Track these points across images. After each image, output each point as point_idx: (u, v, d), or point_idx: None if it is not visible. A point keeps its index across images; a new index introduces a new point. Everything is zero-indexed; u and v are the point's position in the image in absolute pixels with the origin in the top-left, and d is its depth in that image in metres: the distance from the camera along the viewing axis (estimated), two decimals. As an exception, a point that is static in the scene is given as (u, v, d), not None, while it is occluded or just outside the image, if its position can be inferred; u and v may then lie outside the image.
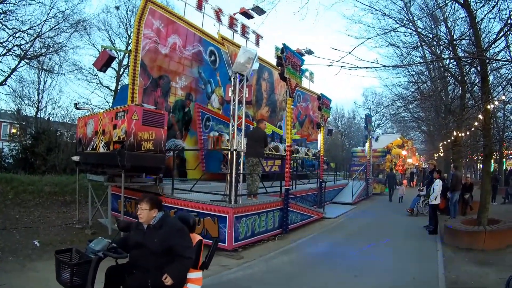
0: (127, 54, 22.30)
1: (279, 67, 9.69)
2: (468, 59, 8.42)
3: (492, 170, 15.11)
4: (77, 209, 10.16)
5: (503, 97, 10.89)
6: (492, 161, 15.06)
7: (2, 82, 16.85)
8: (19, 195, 10.92)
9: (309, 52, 18.24)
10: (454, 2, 9.02)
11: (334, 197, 17.27)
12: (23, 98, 21.86)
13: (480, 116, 9.87)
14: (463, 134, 14.34)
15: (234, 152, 7.88)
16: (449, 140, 17.10)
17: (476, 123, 11.57)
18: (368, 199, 19.99)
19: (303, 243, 8.75)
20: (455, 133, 14.02)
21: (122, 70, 24.25)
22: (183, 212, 7.47)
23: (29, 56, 16.87)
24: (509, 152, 23.03)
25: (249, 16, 14.80)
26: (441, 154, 24.30)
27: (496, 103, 10.69)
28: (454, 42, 10.86)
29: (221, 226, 7.44)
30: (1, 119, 30.38)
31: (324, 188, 13.84)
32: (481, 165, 23.45)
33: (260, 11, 14.00)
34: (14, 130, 25.83)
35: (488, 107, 9.03)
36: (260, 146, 9.25)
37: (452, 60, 11.38)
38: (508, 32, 6.51)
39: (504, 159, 24.25)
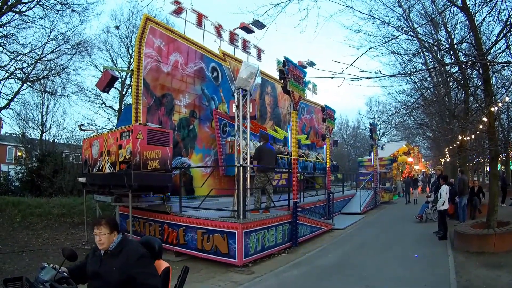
0: (129, 74, 22.47)
1: (282, 81, 9.71)
2: (469, 62, 8.42)
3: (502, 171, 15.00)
4: (85, 230, 10.12)
5: (507, 98, 10.85)
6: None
7: (6, 105, 16.89)
8: (27, 218, 10.93)
9: (311, 64, 18.34)
10: (453, 6, 9.06)
11: (342, 208, 17.15)
12: (27, 121, 21.93)
13: (485, 119, 9.81)
14: (468, 138, 14.26)
15: (241, 168, 7.88)
16: (454, 145, 17.00)
17: (481, 126, 11.51)
18: (376, 208, 19.84)
19: (314, 256, 8.67)
20: (460, 137, 13.95)
21: (125, 90, 24.37)
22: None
23: (32, 79, 16.91)
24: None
25: (249, 31, 14.93)
26: (447, 159, 24.18)
27: (500, 104, 10.64)
28: (455, 46, 10.86)
29: (230, 242, 7.39)
30: (6, 142, 30.58)
31: (332, 199, 13.76)
32: (488, 168, 23.34)
33: (260, 25, 14.10)
34: (19, 153, 25.94)
35: (492, 109, 8.99)
36: (275, 162, 9.34)
37: (454, 65, 11.38)
38: (508, 33, 6.52)
39: (510, 160, 24.00)
